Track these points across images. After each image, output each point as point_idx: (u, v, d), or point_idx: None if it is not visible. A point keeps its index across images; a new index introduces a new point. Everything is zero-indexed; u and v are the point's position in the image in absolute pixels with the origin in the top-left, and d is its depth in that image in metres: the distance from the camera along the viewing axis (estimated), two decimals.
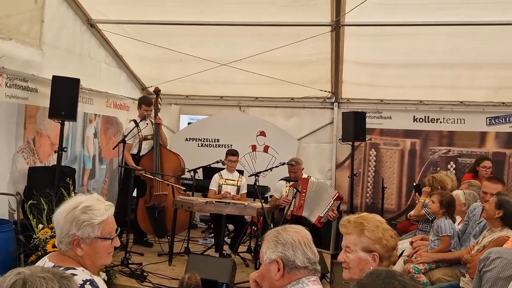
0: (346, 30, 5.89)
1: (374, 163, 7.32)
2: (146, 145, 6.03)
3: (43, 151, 5.39)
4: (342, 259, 2.18)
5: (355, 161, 6.90)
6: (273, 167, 5.75)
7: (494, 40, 5.73)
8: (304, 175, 5.92)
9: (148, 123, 6.01)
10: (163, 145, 6.09)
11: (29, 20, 4.96)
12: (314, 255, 1.95)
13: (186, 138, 7.66)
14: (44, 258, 1.90)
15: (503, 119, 6.83)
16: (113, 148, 5.82)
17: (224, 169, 6.07)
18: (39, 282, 1.28)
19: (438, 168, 6.88)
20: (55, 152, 5.09)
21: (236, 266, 4.52)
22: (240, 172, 6.28)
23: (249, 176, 5.70)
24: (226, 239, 5.65)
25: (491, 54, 5.94)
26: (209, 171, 6.34)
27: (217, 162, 6.08)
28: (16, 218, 4.65)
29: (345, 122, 6.60)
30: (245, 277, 4.54)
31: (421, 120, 7.15)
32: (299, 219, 5.37)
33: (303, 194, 5.56)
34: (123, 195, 5.73)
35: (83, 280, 1.74)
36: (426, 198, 5.04)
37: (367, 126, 6.67)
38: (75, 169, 5.73)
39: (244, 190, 6.05)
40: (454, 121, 7.03)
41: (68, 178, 4.66)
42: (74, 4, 5.75)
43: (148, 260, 5.21)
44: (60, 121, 5.03)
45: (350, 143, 6.49)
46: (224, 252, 5.27)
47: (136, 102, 7.32)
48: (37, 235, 4.11)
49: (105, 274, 4.09)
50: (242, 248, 5.62)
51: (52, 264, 1.80)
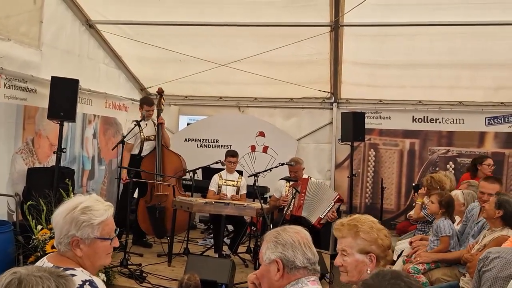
0: (345, 31, 5.89)
1: (373, 163, 7.32)
2: (148, 146, 6.02)
3: (42, 152, 5.38)
4: (339, 263, 2.17)
5: (354, 161, 6.90)
6: (272, 168, 5.74)
7: (493, 40, 5.74)
8: (305, 176, 5.92)
9: (147, 124, 6.00)
10: (165, 146, 6.09)
11: (28, 21, 4.96)
12: (313, 256, 1.95)
13: (185, 139, 7.65)
14: (43, 259, 1.89)
15: (502, 119, 6.84)
16: (112, 149, 5.81)
17: (223, 169, 6.07)
18: (34, 281, 1.28)
19: (437, 168, 6.88)
20: (54, 153, 5.08)
21: (235, 267, 4.52)
22: (240, 172, 6.27)
23: (249, 176, 5.70)
24: (225, 239, 5.65)
25: (490, 54, 5.95)
26: (209, 172, 6.33)
27: (217, 162, 6.08)
28: (15, 219, 4.64)
29: (344, 122, 6.59)
30: (245, 277, 4.52)
31: (420, 120, 7.15)
32: (298, 219, 5.37)
33: (302, 194, 5.56)
34: (123, 195, 5.73)
35: (82, 281, 1.73)
36: (422, 199, 5.05)
37: (366, 126, 6.67)
38: (74, 170, 5.71)
39: (243, 191, 6.04)
40: (453, 121, 7.03)
41: (67, 179, 4.65)
42: (73, 5, 5.75)
43: (148, 260, 5.21)
44: (59, 122, 5.02)
45: (349, 143, 6.48)
46: (223, 252, 5.27)
47: (135, 102, 7.35)
48: (36, 236, 4.11)
49: (104, 275, 4.08)
50: (241, 249, 5.62)
51: (51, 265, 1.80)
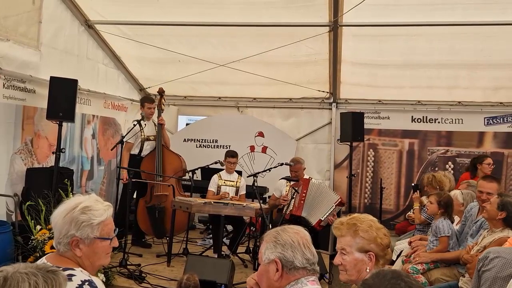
0: (344, 31, 5.89)
1: (372, 164, 7.32)
2: (148, 146, 6.02)
3: (41, 152, 5.38)
4: (338, 262, 2.17)
5: (354, 162, 6.89)
6: (271, 168, 5.75)
7: (492, 40, 5.74)
8: (306, 176, 5.92)
9: (148, 124, 6.00)
10: (166, 146, 6.09)
11: (27, 21, 4.95)
12: (313, 256, 1.95)
13: (185, 139, 7.65)
14: (42, 259, 1.89)
15: (501, 119, 6.85)
16: (111, 149, 5.80)
17: (223, 170, 6.07)
18: (20, 278, 1.28)
19: (437, 168, 6.89)
20: (53, 153, 5.08)
21: (234, 267, 4.51)
22: (239, 173, 6.27)
23: (248, 176, 5.70)
24: (224, 240, 5.65)
25: (489, 54, 5.95)
26: (208, 172, 6.33)
27: (216, 162, 6.08)
28: (14, 220, 4.64)
29: (343, 123, 6.60)
30: (244, 277, 4.53)
31: (419, 120, 7.16)
32: (297, 219, 5.37)
33: (303, 194, 5.57)
34: (123, 196, 5.73)
35: (81, 281, 1.73)
36: (418, 203, 5.07)
37: (365, 126, 6.66)
38: (73, 170, 5.71)
39: (243, 191, 6.04)
40: (452, 121, 7.04)
41: (66, 179, 4.66)
42: (71, 5, 5.74)
43: (147, 261, 5.21)
44: (58, 122, 5.02)
45: (349, 143, 6.48)
46: (222, 253, 5.27)
47: (135, 103, 7.35)
48: (35, 237, 4.11)
49: (103, 275, 4.08)
50: (240, 249, 5.61)
51: (50, 265, 1.79)
